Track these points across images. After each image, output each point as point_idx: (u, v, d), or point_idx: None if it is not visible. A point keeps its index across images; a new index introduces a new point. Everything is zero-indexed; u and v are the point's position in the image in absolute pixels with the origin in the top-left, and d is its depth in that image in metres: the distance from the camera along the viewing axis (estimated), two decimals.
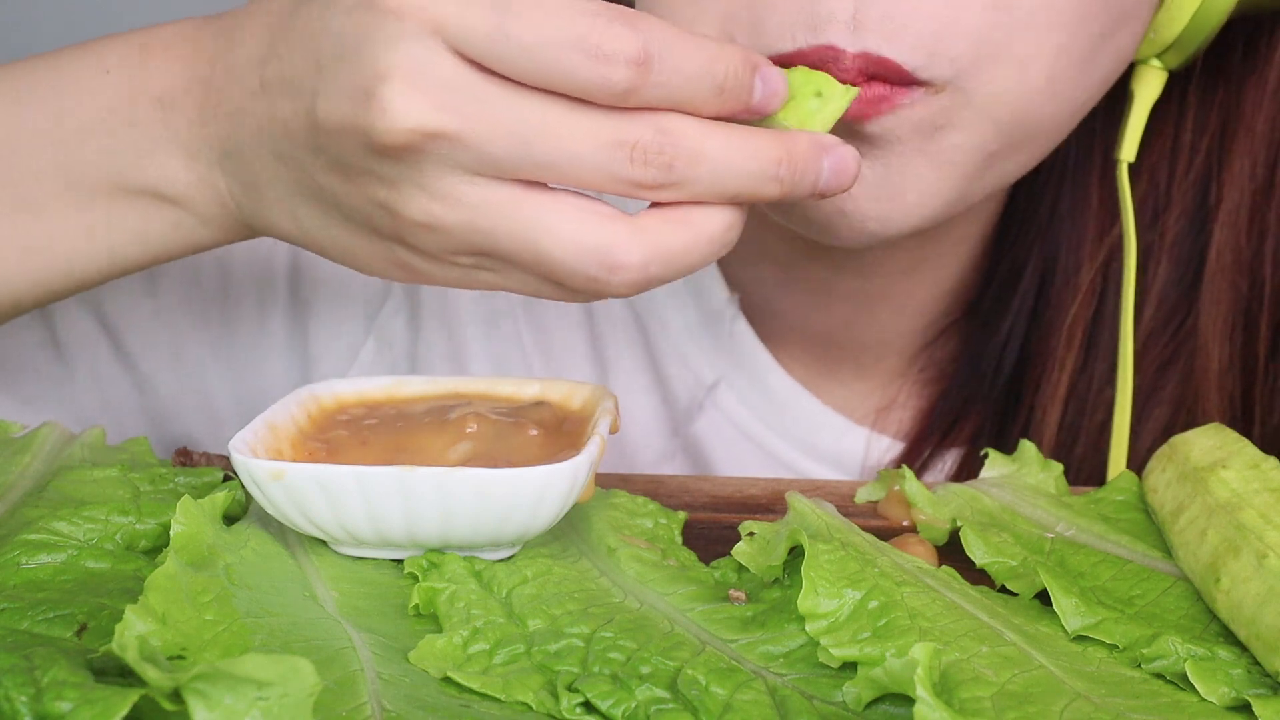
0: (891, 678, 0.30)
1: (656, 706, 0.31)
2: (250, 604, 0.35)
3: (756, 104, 0.37)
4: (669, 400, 0.62)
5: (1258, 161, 0.54)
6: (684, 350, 0.61)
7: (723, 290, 0.61)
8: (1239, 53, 0.54)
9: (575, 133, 0.36)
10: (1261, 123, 0.54)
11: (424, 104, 0.35)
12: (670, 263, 0.37)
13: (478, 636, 0.34)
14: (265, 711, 0.25)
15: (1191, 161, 0.55)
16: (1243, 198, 0.54)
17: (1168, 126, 0.55)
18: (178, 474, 0.44)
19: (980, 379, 0.59)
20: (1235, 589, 0.36)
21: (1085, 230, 0.57)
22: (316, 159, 0.39)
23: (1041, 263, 0.58)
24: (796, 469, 0.60)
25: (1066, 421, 0.57)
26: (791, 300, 0.59)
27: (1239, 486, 0.40)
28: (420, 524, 0.37)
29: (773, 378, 0.60)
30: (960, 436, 0.59)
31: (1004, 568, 0.40)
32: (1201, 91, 0.55)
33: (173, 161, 0.44)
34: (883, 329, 0.60)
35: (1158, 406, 0.56)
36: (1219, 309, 0.55)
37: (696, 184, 0.36)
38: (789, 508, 0.42)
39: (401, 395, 0.45)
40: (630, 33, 0.35)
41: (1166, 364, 0.56)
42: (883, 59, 0.42)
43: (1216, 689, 0.33)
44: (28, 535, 0.38)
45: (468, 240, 0.38)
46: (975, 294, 0.60)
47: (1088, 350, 0.57)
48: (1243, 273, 0.55)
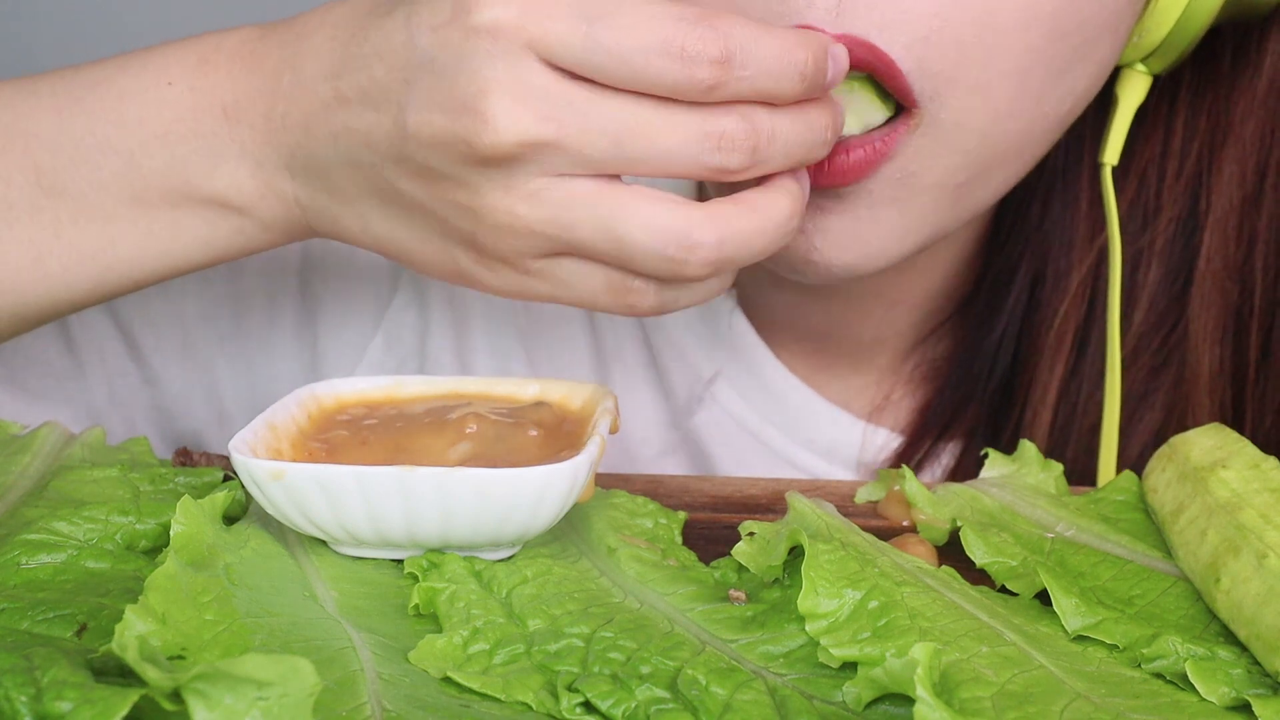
0: (891, 678, 0.30)
1: (656, 706, 0.31)
2: (250, 604, 0.35)
3: (829, 82, 0.40)
4: (669, 395, 0.62)
5: (1247, 167, 0.54)
6: (683, 345, 0.61)
7: None
8: (1228, 59, 0.54)
9: (666, 130, 0.38)
10: (1250, 129, 0.54)
11: (527, 116, 0.37)
12: (743, 245, 0.39)
13: (478, 636, 0.34)
14: (265, 711, 0.25)
15: (1181, 167, 0.55)
16: (1232, 204, 0.54)
17: (1157, 132, 0.56)
18: (178, 474, 0.44)
19: (974, 378, 0.59)
20: (1235, 589, 0.36)
21: (1075, 233, 0.57)
22: (400, 167, 0.41)
23: (1033, 264, 0.58)
24: (795, 461, 0.60)
25: (1058, 423, 0.57)
26: (785, 298, 0.59)
27: (1239, 486, 0.39)
28: (420, 524, 0.37)
29: (770, 371, 0.60)
30: (956, 433, 0.59)
31: (1004, 568, 0.40)
32: (1191, 97, 0.55)
33: (239, 171, 0.45)
34: (876, 326, 0.60)
35: (1149, 411, 0.56)
36: (1209, 313, 0.55)
37: (771, 160, 0.39)
38: (789, 508, 0.42)
39: (401, 395, 0.45)
40: (712, 33, 0.37)
41: (1158, 368, 0.57)
42: (873, 46, 0.42)
43: (1216, 689, 0.33)
44: (28, 535, 0.38)
45: (547, 236, 0.39)
46: (968, 291, 0.60)
47: (1078, 353, 0.57)
48: (1233, 278, 0.55)
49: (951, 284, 0.60)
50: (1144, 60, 0.51)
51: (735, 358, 0.61)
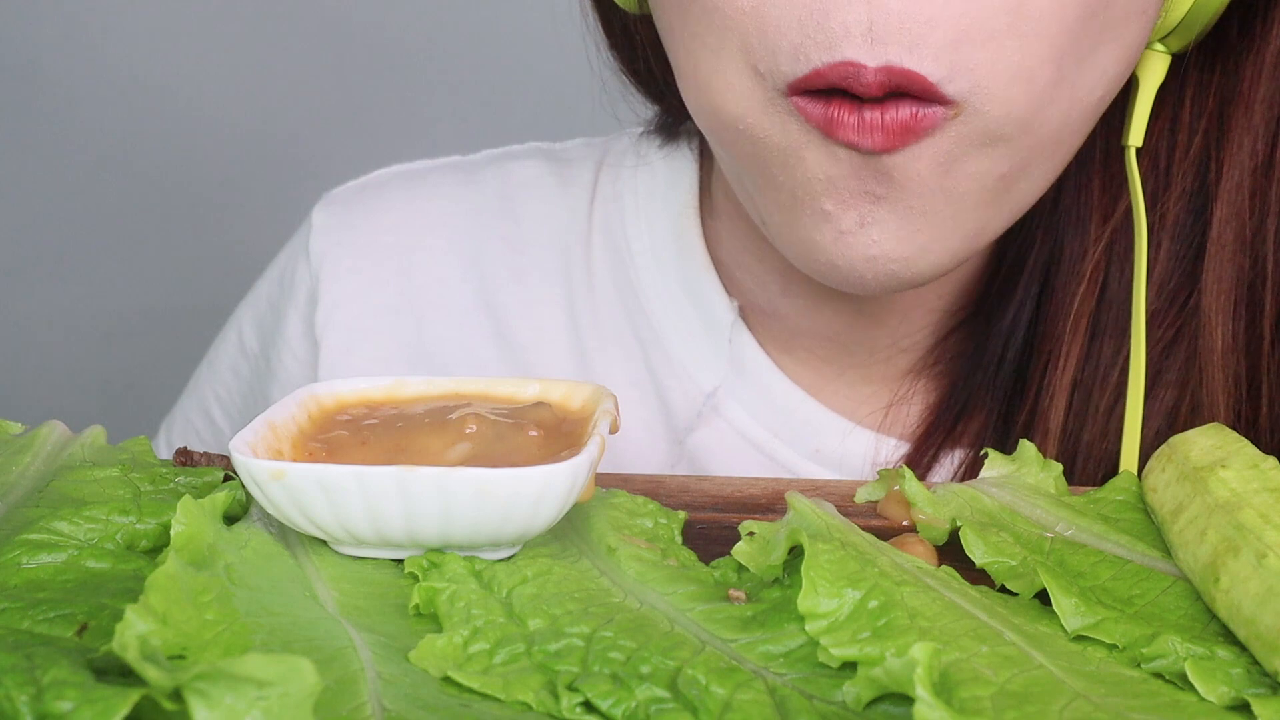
0: (891, 677, 0.30)
1: (656, 706, 0.31)
2: (251, 604, 0.35)
3: None
4: (669, 410, 0.62)
5: (1258, 138, 0.54)
6: (684, 359, 0.61)
7: (723, 297, 0.61)
8: (1235, 31, 0.53)
9: None
10: (1260, 100, 0.53)
11: None
12: None
13: (478, 636, 0.34)
14: (266, 711, 0.25)
15: (1191, 142, 0.55)
16: (1243, 175, 0.54)
17: (1166, 109, 0.55)
18: (178, 474, 0.44)
19: (986, 366, 0.59)
20: (1234, 589, 0.36)
21: (1089, 217, 0.56)
22: None
23: (1046, 252, 0.57)
24: (803, 475, 0.60)
25: (1074, 406, 0.56)
26: (794, 305, 0.59)
27: (1238, 486, 0.40)
28: (420, 524, 0.37)
29: (776, 384, 0.60)
30: (969, 428, 0.59)
31: (1004, 567, 0.40)
32: (1199, 72, 0.55)
33: None
34: (891, 333, 0.59)
35: (1163, 389, 0.56)
36: (1221, 286, 0.55)
37: None
38: (789, 507, 0.42)
39: (401, 395, 0.45)
40: None
41: (1170, 344, 0.56)
42: (906, 71, 0.41)
43: (1216, 688, 0.33)
44: (28, 535, 0.38)
45: None
46: (981, 289, 0.60)
47: (1092, 335, 0.57)
48: (1245, 250, 0.55)
49: (965, 285, 0.59)
50: (1163, 40, 0.50)
51: (739, 370, 0.61)
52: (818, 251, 0.46)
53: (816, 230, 0.46)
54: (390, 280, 0.67)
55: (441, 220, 0.68)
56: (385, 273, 0.67)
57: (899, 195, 0.44)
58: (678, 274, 0.63)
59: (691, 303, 0.62)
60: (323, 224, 0.69)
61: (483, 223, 0.67)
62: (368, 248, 0.68)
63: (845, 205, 0.45)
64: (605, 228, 0.65)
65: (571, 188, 0.67)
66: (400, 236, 0.68)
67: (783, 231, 0.48)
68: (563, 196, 0.67)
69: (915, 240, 0.45)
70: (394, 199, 0.69)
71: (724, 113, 0.46)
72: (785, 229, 0.47)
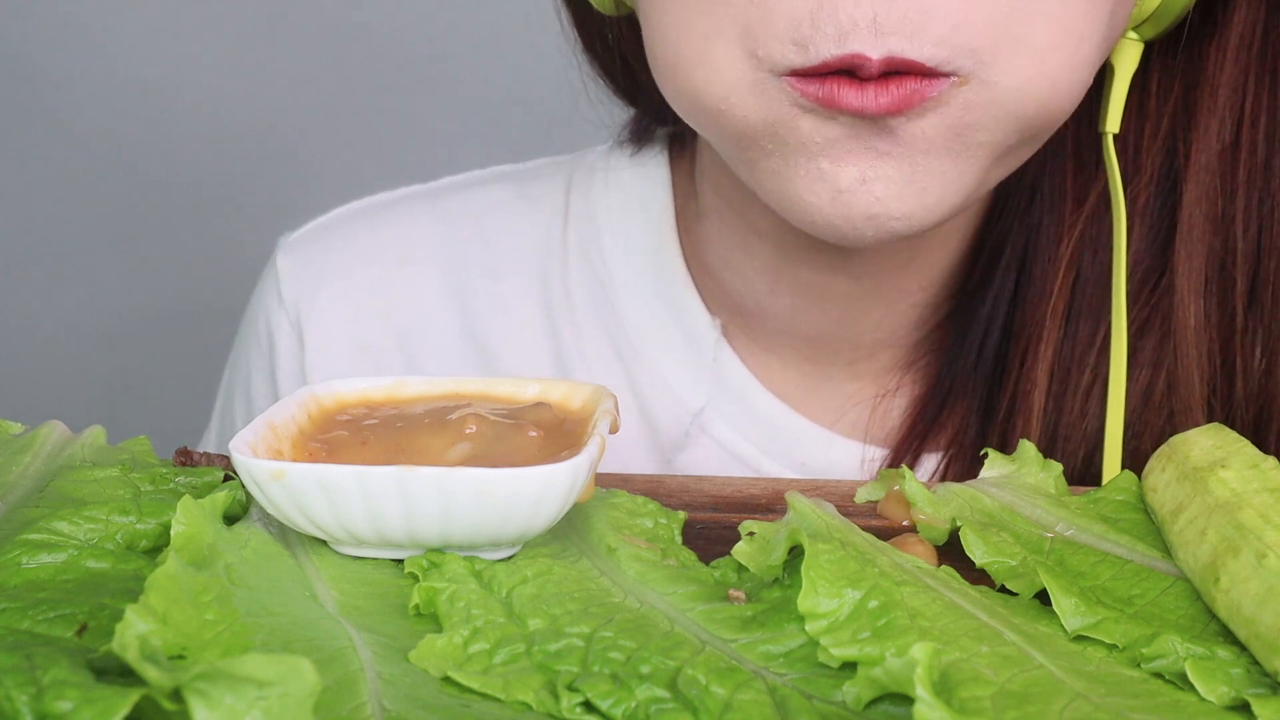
0: (891, 677, 0.30)
1: (656, 706, 0.31)
2: (251, 604, 0.35)
3: None
4: (656, 430, 0.62)
5: (1224, 120, 0.54)
6: (669, 380, 0.61)
7: (705, 315, 0.61)
8: (1195, 14, 0.53)
9: None
10: (1224, 84, 0.54)
11: None
12: None
13: (478, 636, 0.34)
14: (266, 711, 0.25)
15: (1159, 127, 0.56)
16: (1210, 157, 0.55)
17: (1133, 95, 0.56)
18: (178, 474, 0.44)
19: (967, 358, 0.59)
20: (1234, 589, 0.36)
21: (1064, 204, 0.57)
22: None
23: (1023, 239, 0.58)
24: None
25: (1053, 389, 0.57)
26: (782, 304, 0.59)
27: (1238, 486, 0.40)
28: (420, 524, 0.37)
29: (759, 399, 0.60)
30: (953, 418, 0.59)
31: (1004, 567, 0.40)
32: (1164, 58, 0.55)
33: None
34: (876, 327, 0.60)
35: (1139, 369, 0.56)
36: (1193, 266, 0.55)
37: None
38: (789, 508, 0.42)
39: (401, 396, 0.45)
40: None
41: (1144, 325, 0.57)
42: (906, 60, 0.41)
43: (1216, 688, 0.33)
44: (28, 535, 0.38)
45: None
46: (962, 279, 0.60)
47: (1068, 317, 0.57)
48: (1215, 230, 0.55)
49: (948, 275, 0.60)
50: (1136, 28, 0.51)
51: (723, 388, 0.61)
52: (813, 212, 0.46)
53: (810, 191, 0.45)
54: (373, 317, 0.67)
55: (415, 251, 0.67)
56: (366, 311, 0.67)
57: (905, 152, 0.44)
58: (658, 293, 0.63)
59: (674, 321, 0.62)
60: (290, 269, 0.68)
61: (458, 252, 0.67)
62: (344, 285, 0.67)
63: (843, 162, 0.45)
64: (581, 249, 0.65)
65: (542, 209, 0.67)
66: (376, 270, 0.67)
67: (775, 195, 0.48)
68: (534, 220, 0.67)
69: (921, 197, 0.45)
70: (361, 232, 0.68)
71: (705, 94, 0.46)
72: (778, 194, 0.47)
